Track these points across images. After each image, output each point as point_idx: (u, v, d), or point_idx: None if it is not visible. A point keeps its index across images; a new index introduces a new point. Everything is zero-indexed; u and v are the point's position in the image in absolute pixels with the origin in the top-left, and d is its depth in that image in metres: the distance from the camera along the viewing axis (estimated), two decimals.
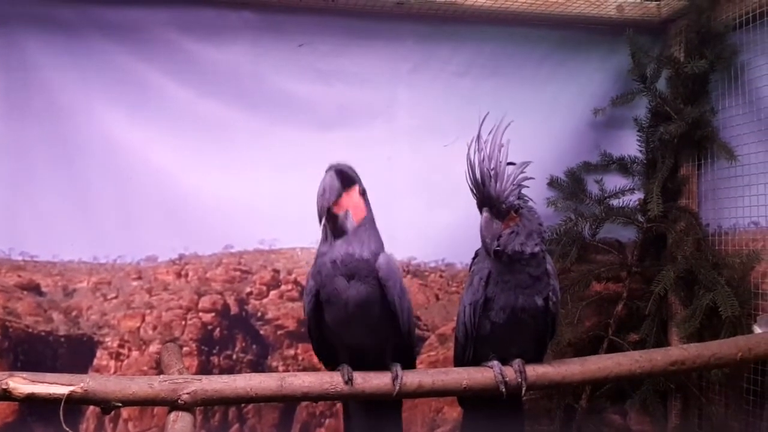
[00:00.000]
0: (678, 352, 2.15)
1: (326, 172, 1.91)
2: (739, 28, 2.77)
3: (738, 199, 2.78)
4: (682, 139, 2.89)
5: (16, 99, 2.69)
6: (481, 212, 1.88)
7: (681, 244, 2.81)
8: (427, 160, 2.93)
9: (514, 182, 1.88)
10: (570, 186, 2.98)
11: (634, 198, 2.97)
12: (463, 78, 3.02)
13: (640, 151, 2.99)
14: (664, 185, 2.87)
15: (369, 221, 1.96)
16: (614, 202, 2.96)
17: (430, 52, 3.01)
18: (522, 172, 1.91)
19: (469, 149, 1.87)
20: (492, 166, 1.85)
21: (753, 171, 2.71)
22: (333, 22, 2.91)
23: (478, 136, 1.87)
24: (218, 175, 2.82)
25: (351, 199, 1.92)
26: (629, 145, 3.02)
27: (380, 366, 1.94)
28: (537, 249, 1.88)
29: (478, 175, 1.86)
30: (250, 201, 2.84)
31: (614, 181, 3.00)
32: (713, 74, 2.88)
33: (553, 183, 2.99)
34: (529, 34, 3.04)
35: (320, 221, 1.89)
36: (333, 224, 1.90)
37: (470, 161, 1.86)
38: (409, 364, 2.04)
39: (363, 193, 1.95)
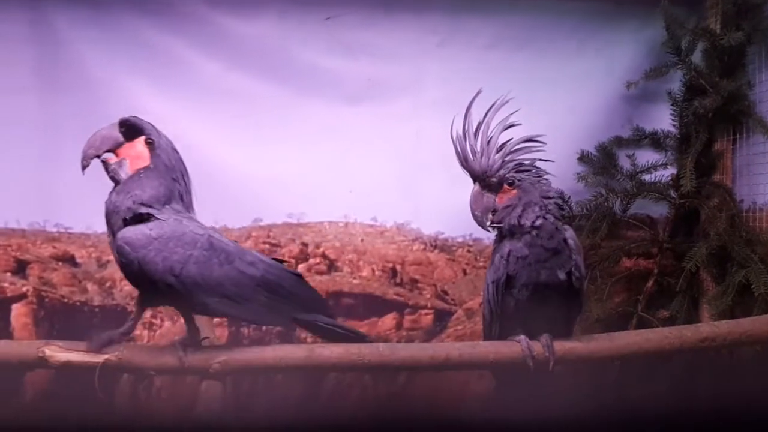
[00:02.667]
0: (709, 328, 2.12)
1: None
2: None
3: None
4: (717, 114, 2.83)
5: (47, 73, 2.72)
6: None
7: (714, 220, 2.77)
8: None
9: (507, 155, 1.87)
10: (601, 161, 2.94)
11: (666, 173, 2.92)
12: (492, 51, 2.98)
13: (674, 125, 2.93)
14: (697, 160, 2.82)
15: (149, 171, 1.82)
16: (646, 177, 2.91)
17: (458, 25, 2.97)
18: (520, 145, 1.90)
19: (452, 126, 1.87)
20: (475, 140, 1.87)
21: None
22: None
23: (467, 112, 1.88)
24: (246, 149, 2.84)
25: (133, 149, 1.84)
26: (662, 120, 2.96)
27: None
28: (539, 222, 1.87)
29: (459, 150, 1.89)
30: (277, 174, 2.85)
31: (646, 156, 2.95)
32: (750, 47, 2.81)
33: (583, 158, 2.95)
34: (560, 5, 2.98)
35: (82, 169, 1.81)
36: (107, 173, 1.84)
37: (452, 137, 1.88)
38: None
39: (150, 143, 1.85)
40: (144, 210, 1.77)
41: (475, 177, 1.90)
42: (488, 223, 1.92)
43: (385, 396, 2.90)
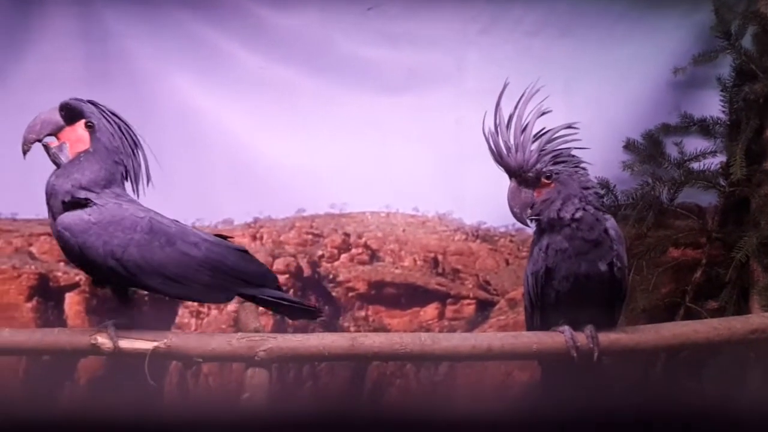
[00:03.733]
0: (759, 320, 2.08)
1: None
2: None
3: None
4: None
5: (95, 67, 2.79)
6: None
7: (765, 209, 2.70)
8: None
9: (543, 148, 1.84)
10: (647, 149, 2.88)
11: (715, 161, 2.85)
12: (535, 38, 2.95)
13: (723, 111, 2.85)
14: (748, 147, 2.73)
15: (89, 155, 1.83)
16: (694, 165, 2.84)
17: (500, 12, 2.94)
18: (555, 135, 1.86)
19: (483, 121, 1.85)
20: (509, 135, 1.84)
21: None
22: None
23: (497, 106, 1.85)
24: (289, 140, 2.87)
25: (74, 133, 1.84)
26: (711, 106, 2.88)
27: None
28: (579, 214, 1.83)
29: (493, 147, 1.85)
30: (319, 165, 2.88)
31: (695, 144, 2.88)
32: None
33: (629, 146, 2.89)
34: None
35: (24, 154, 1.82)
36: (49, 157, 1.84)
37: (485, 133, 1.85)
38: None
39: (91, 126, 1.85)
40: (83, 194, 1.80)
41: (512, 173, 1.87)
42: (527, 218, 1.89)
43: (426, 386, 2.91)
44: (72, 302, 2.80)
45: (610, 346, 1.94)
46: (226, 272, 1.91)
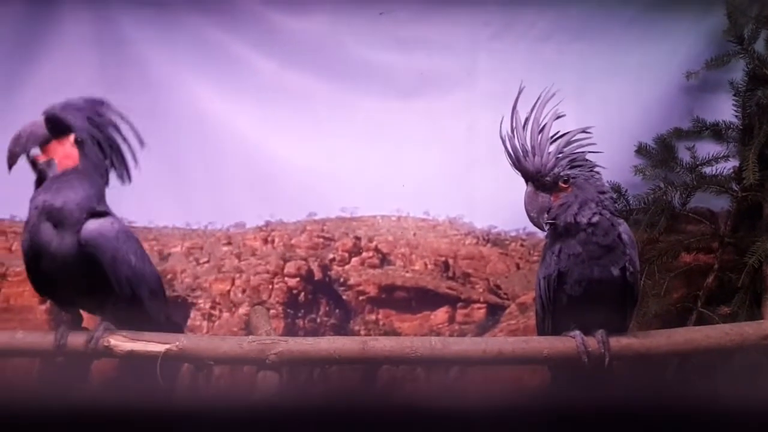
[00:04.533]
0: None
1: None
2: None
3: None
4: None
5: (110, 73, 2.81)
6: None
7: None
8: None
9: (561, 152, 1.84)
10: (659, 153, 2.87)
11: (728, 166, 2.82)
12: (547, 43, 2.94)
13: (736, 116, 2.83)
14: (761, 152, 2.70)
15: (80, 173, 1.82)
16: (707, 169, 2.82)
17: (512, 17, 2.94)
18: (572, 139, 1.86)
19: (501, 125, 1.85)
20: (526, 139, 1.84)
21: None
22: None
23: (513, 110, 1.85)
24: (301, 145, 2.88)
25: (62, 148, 1.82)
26: (724, 110, 2.86)
27: None
28: (595, 219, 1.84)
29: (511, 151, 1.85)
30: (331, 169, 2.89)
31: (707, 148, 2.85)
32: None
33: (641, 150, 2.88)
34: None
35: (9, 168, 1.80)
36: (35, 171, 1.83)
37: (502, 137, 1.85)
38: None
39: (80, 142, 1.83)
40: (99, 208, 1.84)
41: (529, 177, 1.88)
42: (544, 223, 1.89)
43: (437, 390, 2.91)
44: None
45: (622, 351, 1.94)
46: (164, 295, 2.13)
